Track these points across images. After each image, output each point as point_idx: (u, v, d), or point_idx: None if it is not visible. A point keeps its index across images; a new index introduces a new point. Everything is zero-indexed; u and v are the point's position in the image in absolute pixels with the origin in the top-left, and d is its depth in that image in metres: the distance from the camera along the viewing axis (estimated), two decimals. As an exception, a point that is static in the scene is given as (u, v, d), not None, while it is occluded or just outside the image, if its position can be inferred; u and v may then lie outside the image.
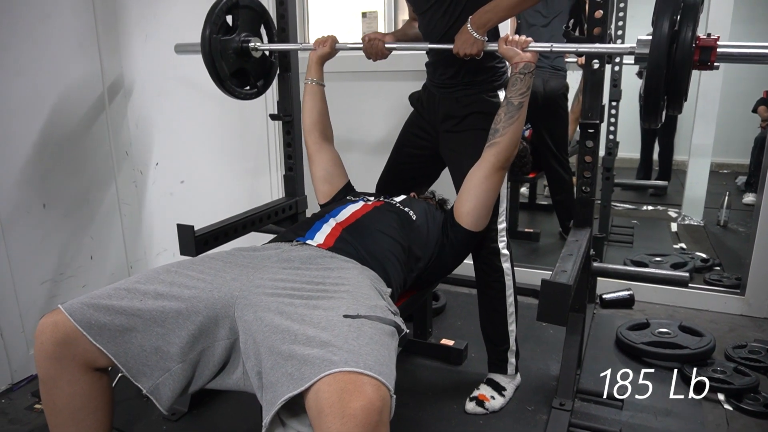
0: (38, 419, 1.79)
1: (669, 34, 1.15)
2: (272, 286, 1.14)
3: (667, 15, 1.14)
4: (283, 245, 1.37)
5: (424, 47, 1.73)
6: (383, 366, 0.92)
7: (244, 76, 1.97)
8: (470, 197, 1.57)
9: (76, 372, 1.08)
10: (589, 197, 1.78)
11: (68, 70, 2.06)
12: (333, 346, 0.93)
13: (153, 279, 1.15)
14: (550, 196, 3.39)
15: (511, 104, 1.52)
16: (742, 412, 1.77)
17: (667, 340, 2.11)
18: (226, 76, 1.87)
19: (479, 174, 1.56)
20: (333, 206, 1.59)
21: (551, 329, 2.32)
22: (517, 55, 1.50)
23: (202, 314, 1.10)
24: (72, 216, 2.13)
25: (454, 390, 1.90)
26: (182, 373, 1.10)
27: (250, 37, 1.92)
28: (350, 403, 0.83)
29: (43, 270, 2.04)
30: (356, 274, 1.23)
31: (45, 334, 1.06)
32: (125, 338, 1.07)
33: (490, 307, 1.82)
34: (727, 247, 3.33)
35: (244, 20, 1.90)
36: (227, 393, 1.89)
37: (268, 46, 1.98)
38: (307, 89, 1.87)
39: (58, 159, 2.06)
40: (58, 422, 1.11)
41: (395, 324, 1.09)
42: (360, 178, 1.97)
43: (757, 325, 2.38)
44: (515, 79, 1.51)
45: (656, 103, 1.22)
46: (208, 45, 1.79)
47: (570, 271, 1.37)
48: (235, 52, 1.89)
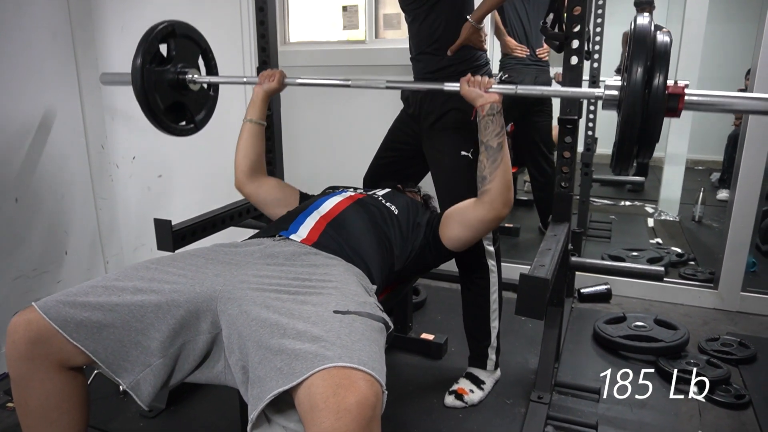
0: (10, 418, 1.75)
1: (643, 81, 1.13)
2: (257, 282, 1.12)
3: (642, 62, 1.13)
4: (265, 240, 1.34)
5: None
6: (375, 362, 0.92)
7: (180, 110, 1.80)
8: (461, 229, 1.50)
9: (49, 371, 1.05)
10: (568, 192, 1.80)
11: (42, 62, 2.01)
12: (325, 341, 0.92)
13: (131, 276, 1.13)
14: (531, 191, 3.42)
15: (491, 147, 1.44)
16: (714, 404, 1.81)
17: (643, 334, 2.14)
18: (160, 111, 1.69)
19: (476, 215, 1.47)
20: (315, 198, 1.57)
21: (530, 323, 2.35)
22: (480, 97, 1.44)
23: (183, 308, 1.08)
24: (46, 211, 2.08)
25: (434, 384, 1.91)
26: (163, 368, 1.08)
27: (187, 68, 1.74)
28: (345, 398, 0.82)
29: (15, 266, 1.99)
30: (342, 270, 1.23)
31: (17, 332, 1.03)
32: (103, 334, 1.04)
33: (474, 303, 1.83)
34: (701, 242, 3.40)
35: (180, 50, 1.73)
36: (205, 389, 1.88)
37: (207, 78, 1.80)
38: (246, 129, 1.68)
39: (31, 152, 2.01)
40: (31, 423, 1.09)
41: (384, 321, 1.09)
42: (346, 173, 1.96)
43: (729, 319, 2.44)
44: (486, 122, 1.44)
45: (629, 152, 1.21)
46: (140, 76, 1.60)
47: (548, 265, 1.38)
48: (170, 84, 1.71)
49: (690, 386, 1.88)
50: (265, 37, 2.08)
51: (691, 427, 1.71)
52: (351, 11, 3.05)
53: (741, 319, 2.44)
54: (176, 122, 1.80)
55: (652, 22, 1.18)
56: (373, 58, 2.93)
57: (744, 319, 2.43)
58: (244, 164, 1.67)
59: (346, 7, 3.05)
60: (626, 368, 2.01)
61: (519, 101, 2.91)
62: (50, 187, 2.10)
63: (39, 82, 2.01)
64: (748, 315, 2.47)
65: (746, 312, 2.48)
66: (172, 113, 1.76)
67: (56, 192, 2.12)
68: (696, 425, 1.72)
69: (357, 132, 2.97)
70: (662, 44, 1.15)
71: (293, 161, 2.78)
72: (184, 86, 1.75)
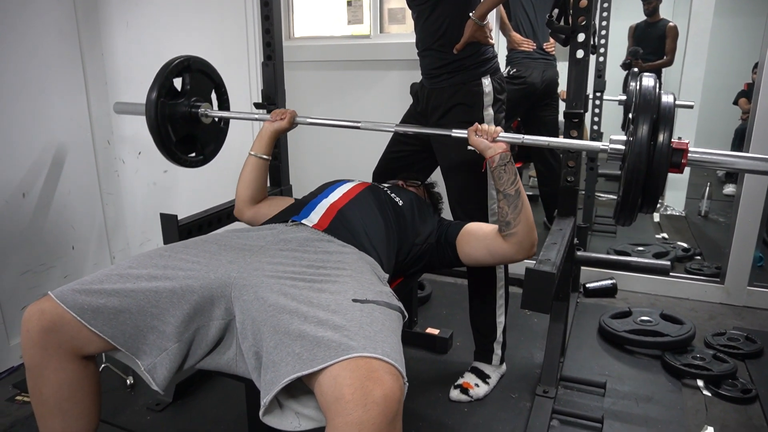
0: (20, 411, 1.77)
1: (648, 139, 1.16)
2: (271, 269, 1.12)
3: (648, 120, 1.16)
4: (278, 226, 1.36)
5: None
6: (397, 353, 0.92)
7: (191, 142, 1.82)
8: (485, 255, 1.48)
9: (63, 360, 1.06)
10: (573, 186, 1.79)
11: (48, 58, 2.02)
12: (348, 330, 0.92)
13: (145, 263, 1.14)
14: (537, 186, 3.41)
15: (509, 195, 1.41)
16: (721, 398, 1.81)
17: (649, 328, 2.14)
18: (172, 143, 1.72)
19: (503, 252, 1.44)
20: (325, 187, 1.58)
21: (535, 318, 2.35)
22: (489, 149, 1.41)
23: (198, 293, 1.09)
24: (53, 206, 2.09)
25: (439, 378, 1.92)
26: (178, 352, 1.08)
27: (200, 102, 1.77)
28: (373, 391, 0.82)
29: (23, 260, 2.01)
30: (356, 258, 1.23)
31: (32, 321, 1.04)
32: (120, 319, 1.05)
33: (480, 298, 1.83)
34: (707, 237, 3.39)
35: (194, 84, 1.76)
36: (212, 383, 1.89)
37: (220, 113, 1.83)
38: (250, 162, 1.69)
39: (38, 148, 2.02)
40: (45, 411, 1.10)
41: (400, 309, 1.09)
42: (352, 171, 1.96)
43: (735, 313, 2.43)
44: (499, 173, 1.41)
45: (634, 206, 1.23)
46: (154, 109, 1.63)
47: (554, 259, 1.38)
48: (183, 117, 1.73)
49: (696, 381, 1.88)
50: (270, 32, 2.08)
51: (698, 421, 1.71)
52: (355, 6, 3.04)
53: (747, 313, 2.43)
54: (186, 153, 1.83)
55: (658, 84, 1.22)
56: (377, 53, 2.92)
57: (750, 314, 2.42)
58: (245, 195, 1.69)
59: (350, 1, 3.05)
60: (632, 363, 2.01)
61: (526, 96, 2.90)
62: (57, 182, 2.11)
63: (45, 79, 2.02)
64: (754, 310, 2.46)
65: (753, 307, 2.47)
66: (183, 145, 1.79)
67: (63, 187, 2.13)
68: (702, 420, 1.71)
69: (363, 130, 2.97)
70: (667, 104, 1.19)
71: (299, 159, 2.78)
72: (197, 120, 1.78)
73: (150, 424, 1.70)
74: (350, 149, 3.03)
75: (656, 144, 1.16)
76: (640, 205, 1.23)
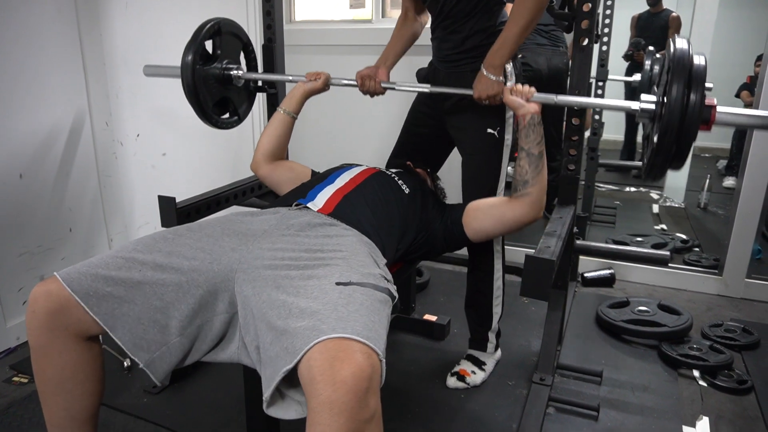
0: (17, 392, 1.77)
1: (683, 95, 1.22)
2: (271, 256, 1.12)
3: (683, 78, 1.21)
4: (282, 209, 1.36)
5: (423, 88, 1.69)
6: (371, 331, 0.92)
7: (225, 104, 1.88)
8: (493, 225, 1.53)
9: (68, 342, 1.06)
10: (574, 175, 1.79)
11: (46, 39, 2.00)
12: (321, 314, 0.93)
13: (150, 247, 1.13)
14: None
15: (532, 155, 1.48)
16: (716, 389, 1.82)
17: (646, 318, 2.14)
18: (209, 107, 1.77)
19: (514, 214, 1.50)
20: (331, 171, 1.57)
21: (533, 306, 2.35)
22: (522, 107, 1.48)
23: (203, 288, 1.09)
24: (50, 187, 2.08)
25: (436, 365, 1.92)
26: (179, 347, 1.08)
27: (231, 65, 1.81)
28: (341, 370, 0.83)
29: (20, 242, 2.00)
30: (355, 241, 1.23)
31: (38, 302, 1.03)
32: (123, 310, 1.05)
33: (477, 287, 1.83)
34: (706, 229, 3.39)
35: (225, 47, 1.79)
36: (209, 366, 1.89)
37: (253, 75, 1.87)
38: (278, 117, 1.73)
39: (36, 129, 2.00)
40: (48, 391, 1.10)
41: (388, 291, 1.09)
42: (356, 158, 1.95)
43: (733, 305, 2.43)
44: (528, 131, 1.48)
45: (665, 162, 1.29)
46: (191, 74, 1.66)
47: (553, 247, 1.37)
48: (217, 80, 1.77)
49: (692, 371, 1.89)
50: (270, 14, 2.05)
51: (693, 411, 1.71)
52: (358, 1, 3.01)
53: (745, 305, 2.43)
54: (220, 115, 1.87)
55: (691, 46, 1.27)
56: (379, 38, 2.87)
57: (748, 306, 2.43)
58: (266, 148, 1.72)
59: (353, -7, 3.02)
60: (629, 352, 2.02)
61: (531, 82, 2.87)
62: (55, 163, 2.09)
63: (43, 60, 1.99)
64: (752, 302, 2.46)
65: (750, 299, 2.48)
66: (217, 107, 1.85)
67: (61, 169, 2.12)
68: (698, 410, 1.72)
69: (367, 116, 2.95)
70: (699, 64, 1.24)
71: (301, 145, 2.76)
72: (230, 82, 1.82)
73: (146, 407, 1.70)
74: (353, 137, 3.01)
75: (689, 101, 1.22)
76: (671, 160, 1.29)
